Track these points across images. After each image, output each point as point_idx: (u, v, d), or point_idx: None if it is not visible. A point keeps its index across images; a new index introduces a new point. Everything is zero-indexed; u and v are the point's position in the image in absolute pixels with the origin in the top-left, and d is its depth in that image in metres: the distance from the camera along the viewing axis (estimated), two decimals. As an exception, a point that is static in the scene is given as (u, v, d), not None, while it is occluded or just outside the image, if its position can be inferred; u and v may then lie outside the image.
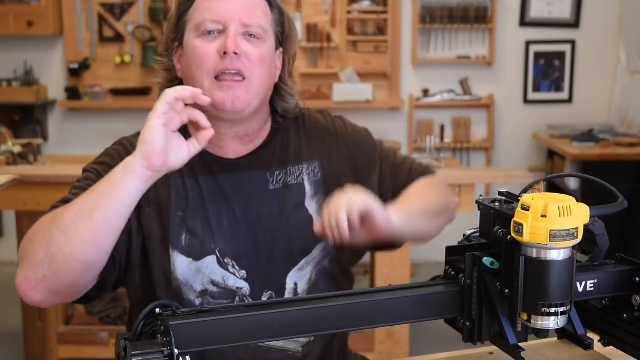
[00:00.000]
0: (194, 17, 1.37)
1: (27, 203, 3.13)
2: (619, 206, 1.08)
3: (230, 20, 1.34)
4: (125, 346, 0.94)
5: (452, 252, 1.11)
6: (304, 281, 1.42)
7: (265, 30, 1.38)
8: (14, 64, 4.81)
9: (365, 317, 1.06)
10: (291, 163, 1.45)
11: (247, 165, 1.43)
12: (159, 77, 1.46)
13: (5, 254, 4.83)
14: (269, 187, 1.43)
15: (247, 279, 1.39)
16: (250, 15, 1.35)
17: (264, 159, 1.44)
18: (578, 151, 4.12)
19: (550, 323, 1.02)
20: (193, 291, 1.37)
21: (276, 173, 1.44)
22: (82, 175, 1.45)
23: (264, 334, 1.01)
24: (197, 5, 1.38)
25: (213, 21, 1.34)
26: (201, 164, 1.40)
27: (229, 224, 1.40)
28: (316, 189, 1.45)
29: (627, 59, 4.70)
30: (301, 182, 1.45)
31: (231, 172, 1.42)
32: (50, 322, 3.30)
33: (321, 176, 1.46)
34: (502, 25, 4.83)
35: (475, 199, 1.20)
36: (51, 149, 4.85)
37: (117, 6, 4.75)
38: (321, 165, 1.47)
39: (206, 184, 1.40)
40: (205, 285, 1.38)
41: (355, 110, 4.79)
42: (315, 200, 1.44)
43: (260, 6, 1.39)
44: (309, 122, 1.51)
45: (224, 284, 1.38)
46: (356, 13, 4.73)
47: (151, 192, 1.30)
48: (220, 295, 1.38)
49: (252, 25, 1.35)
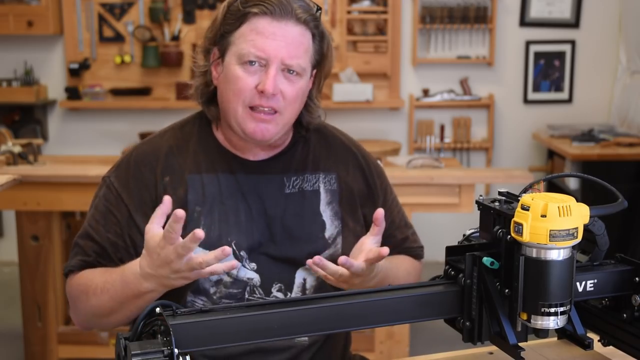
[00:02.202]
0: (239, 43, 1.41)
1: (27, 203, 3.13)
2: (619, 206, 1.08)
3: (273, 59, 1.39)
4: (125, 346, 0.94)
5: (452, 252, 1.11)
6: (313, 278, 1.48)
7: (304, 68, 1.43)
8: (14, 64, 4.81)
9: (365, 317, 1.06)
10: (309, 171, 1.52)
11: (265, 168, 1.50)
12: (194, 77, 1.51)
13: (5, 254, 4.83)
14: (284, 190, 1.50)
15: (258, 271, 1.45)
16: (292, 55, 1.40)
17: (282, 164, 1.51)
18: (578, 151, 4.12)
19: (550, 323, 1.02)
20: (209, 280, 1.43)
21: (293, 178, 1.51)
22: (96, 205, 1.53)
23: (264, 334, 1.01)
24: (244, 33, 1.40)
25: (256, 56, 1.39)
26: (222, 162, 1.48)
27: (245, 219, 1.46)
28: (332, 197, 1.52)
29: (627, 59, 4.70)
30: (317, 189, 1.52)
31: (250, 173, 1.49)
32: (50, 322, 3.30)
33: (337, 187, 1.53)
34: (502, 25, 4.83)
35: (475, 199, 1.20)
36: (51, 149, 4.85)
37: (117, 6, 4.75)
38: (337, 178, 1.54)
39: (225, 181, 1.47)
40: (220, 275, 1.43)
41: (355, 110, 4.79)
42: (330, 208, 1.52)
43: (304, 44, 1.42)
44: (330, 137, 1.59)
45: (235, 274, 1.44)
46: (356, 13, 4.73)
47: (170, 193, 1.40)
48: (232, 284, 1.44)
49: (292, 65, 1.40)
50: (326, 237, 1.50)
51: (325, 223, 1.50)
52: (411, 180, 3.11)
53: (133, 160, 1.49)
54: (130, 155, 1.51)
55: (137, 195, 1.45)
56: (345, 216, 1.52)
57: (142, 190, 1.46)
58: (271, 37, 1.38)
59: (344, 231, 1.51)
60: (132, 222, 1.45)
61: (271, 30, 1.38)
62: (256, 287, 1.45)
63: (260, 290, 1.45)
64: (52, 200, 3.13)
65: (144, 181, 1.46)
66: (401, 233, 1.63)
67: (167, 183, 1.45)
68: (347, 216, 1.52)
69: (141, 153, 1.50)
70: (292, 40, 1.40)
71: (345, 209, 1.52)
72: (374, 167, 1.61)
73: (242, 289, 1.44)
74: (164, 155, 1.48)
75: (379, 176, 1.61)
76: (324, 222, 1.50)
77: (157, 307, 0.98)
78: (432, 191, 3.12)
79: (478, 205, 1.11)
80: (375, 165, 1.62)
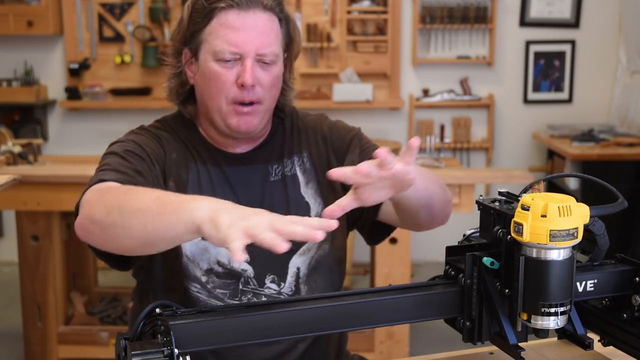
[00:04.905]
0: (211, 41, 1.42)
1: (27, 203, 3.13)
2: (619, 206, 1.08)
3: (247, 51, 1.41)
4: (125, 346, 0.94)
5: (452, 252, 1.11)
6: (305, 266, 1.50)
7: (277, 54, 1.45)
8: (14, 64, 4.81)
9: (365, 317, 1.06)
10: (286, 157, 1.55)
11: (251, 159, 1.52)
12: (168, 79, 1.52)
13: (5, 254, 4.82)
14: (269, 179, 1.52)
15: (251, 263, 1.45)
16: (265, 44, 1.42)
17: (265, 154, 1.54)
18: (578, 151, 4.12)
19: (550, 323, 1.02)
20: (199, 269, 1.44)
21: (274, 166, 1.53)
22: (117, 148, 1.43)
23: (263, 334, 1.01)
24: (214, 28, 1.42)
25: (231, 52, 1.41)
26: (209, 155, 1.50)
27: None
28: (308, 177, 1.54)
29: (627, 59, 4.70)
30: (294, 172, 1.54)
31: (236, 166, 1.51)
32: (50, 322, 3.30)
33: (310, 164, 1.55)
34: (502, 25, 4.83)
35: (475, 199, 1.20)
36: (51, 149, 4.85)
37: (117, 6, 4.75)
38: (309, 156, 1.56)
39: (215, 173, 1.49)
40: (211, 264, 1.44)
41: (355, 110, 4.79)
42: (309, 187, 1.54)
43: (274, 30, 1.44)
44: (301, 120, 1.61)
45: (229, 265, 1.45)
46: (356, 13, 4.73)
47: (173, 168, 1.43)
48: (225, 275, 1.45)
49: (266, 54, 1.42)
50: (312, 216, 1.50)
51: (309, 203, 1.52)
52: (411, 180, 3.10)
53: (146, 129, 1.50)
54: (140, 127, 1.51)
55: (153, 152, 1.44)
56: (324, 190, 1.53)
57: (158, 153, 1.45)
58: (242, 30, 1.40)
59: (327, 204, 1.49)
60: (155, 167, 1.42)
61: (241, 23, 1.40)
62: (250, 278, 1.46)
63: (255, 281, 1.46)
64: (52, 200, 3.13)
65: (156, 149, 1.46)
66: None
67: (174, 160, 1.47)
68: (327, 191, 1.53)
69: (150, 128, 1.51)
70: (262, 29, 1.42)
71: (322, 184, 1.53)
72: (335, 128, 1.60)
73: (237, 280, 1.45)
74: (169, 137, 1.50)
75: (343, 132, 1.59)
76: (307, 203, 1.52)
77: (157, 307, 0.98)
78: (432, 191, 3.11)
79: (478, 205, 1.11)
80: (338, 126, 1.61)
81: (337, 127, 1.61)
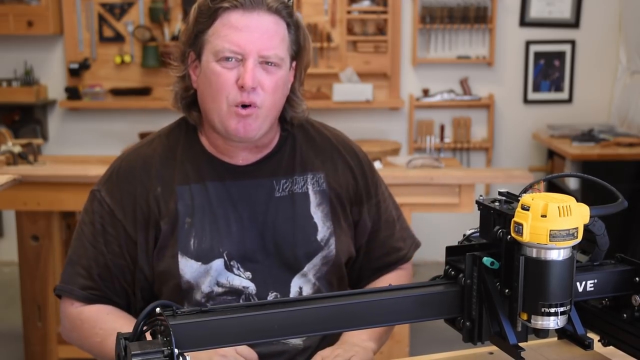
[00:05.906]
0: (213, 40, 1.39)
1: (27, 203, 3.13)
2: (619, 206, 1.08)
3: (249, 52, 1.37)
4: (125, 346, 0.93)
5: (452, 252, 1.11)
6: (309, 286, 1.48)
7: (282, 58, 1.41)
8: (14, 64, 4.81)
9: (365, 317, 1.06)
10: (297, 172, 1.50)
11: (255, 172, 1.48)
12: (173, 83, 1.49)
13: (5, 254, 4.82)
14: (274, 194, 1.47)
15: (253, 280, 1.44)
16: (267, 46, 1.38)
17: (271, 167, 1.49)
18: (578, 151, 4.12)
19: (550, 323, 1.02)
20: (200, 292, 1.42)
21: (282, 181, 1.48)
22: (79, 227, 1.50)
23: (264, 334, 1.01)
24: (217, 29, 1.39)
25: (232, 51, 1.37)
26: (210, 170, 1.46)
27: (236, 229, 1.44)
28: (321, 198, 1.50)
29: (627, 59, 4.70)
30: (306, 191, 1.49)
31: (239, 179, 1.46)
32: (50, 322, 3.30)
33: (326, 187, 1.51)
34: (502, 25, 4.83)
35: (475, 199, 1.20)
36: (51, 149, 4.85)
37: (117, 6, 4.75)
38: (326, 177, 1.51)
39: (214, 190, 1.45)
40: (211, 286, 1.42)
41: (355, 110, 4.79)
42: (320, 209, 1.49)
43: (279, 33, 1.41)
44: (316, 134, 1.56)
45: (228, 284, 1.43)
46: (356, 13, 4.73)
47: (162, 206, 1.41)
48: (225, 293, 1.43)
49: (269, 57, 1.38)
50: (319, 239, 1.48)
51: (317, 225, 1.48)
52: (411, 180, 3.11)
53: (123, 172, 1.47)
54: (119, 167, 1.48)
55: (130, 210, 1.44)
56: (336, 217, 1.50)
57: (134, 204, 1.44)
58: (245, 30, 1.37)
59: (336, 232, 1.50)
60: (129, 238, 1.43)
61: (244, 23, 1.37)
62: (252, 295, 1.43)
63: (256, 299, 1.43)
64: (52, 200, 3.13)
65: (135, 194, 1.44)
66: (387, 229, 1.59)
67: (159, 194, 1.44)
68: (338, 216, 1.51)
69: (130, 163, 1.47)
70: (266, 30, 1.38)
71: (335, 209, 1.50)
72: (363, 162, 1.58)
73: (238, 297, 1.43)
74: (154, 165, 1.46)
75: (368, 172, 1.57)
76: (316, 224, 1.48)
77: (157, 307, 0.98)
78: (432, 191, 3.12)
79: (478, 205, 1.11)
80: (365, 161, 1.59)
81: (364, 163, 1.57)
